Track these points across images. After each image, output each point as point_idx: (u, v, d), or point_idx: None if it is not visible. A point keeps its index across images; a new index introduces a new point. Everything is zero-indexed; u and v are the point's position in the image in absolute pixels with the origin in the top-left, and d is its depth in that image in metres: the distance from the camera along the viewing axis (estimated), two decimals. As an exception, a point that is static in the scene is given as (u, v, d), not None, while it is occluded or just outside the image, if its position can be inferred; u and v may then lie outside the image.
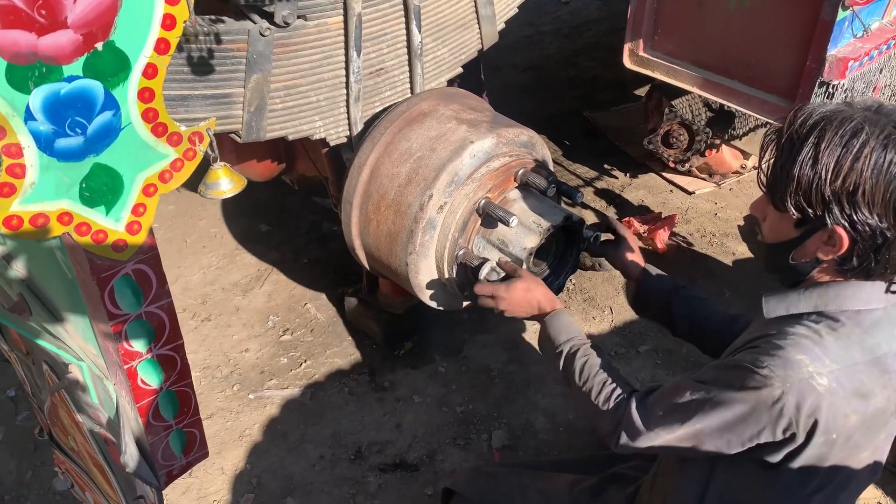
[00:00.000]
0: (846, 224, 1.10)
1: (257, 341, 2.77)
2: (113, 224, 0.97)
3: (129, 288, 1.04)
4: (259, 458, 2.35)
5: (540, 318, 1.59)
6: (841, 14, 2.14)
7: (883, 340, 1.16)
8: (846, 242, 1.12)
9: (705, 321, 1.62)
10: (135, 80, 0.89)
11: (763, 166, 1.19)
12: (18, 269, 1.27)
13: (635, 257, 1.76)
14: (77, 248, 0.97)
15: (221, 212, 3.42)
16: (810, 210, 1.12)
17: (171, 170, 0.99)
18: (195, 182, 1.32)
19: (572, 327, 1.53)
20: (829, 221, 1.11)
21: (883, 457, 1.29)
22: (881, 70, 2.39)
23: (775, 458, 1.21)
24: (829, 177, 1.08)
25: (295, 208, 3.46)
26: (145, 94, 0.91)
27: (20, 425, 2.46)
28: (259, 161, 2.59)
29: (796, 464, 1.20)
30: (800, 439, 1.16)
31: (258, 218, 3.39)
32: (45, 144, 0.88)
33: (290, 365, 2.66)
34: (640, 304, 1.75)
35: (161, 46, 0.88)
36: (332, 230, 3.26)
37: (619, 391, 1.37)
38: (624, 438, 1.32)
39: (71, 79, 0.85)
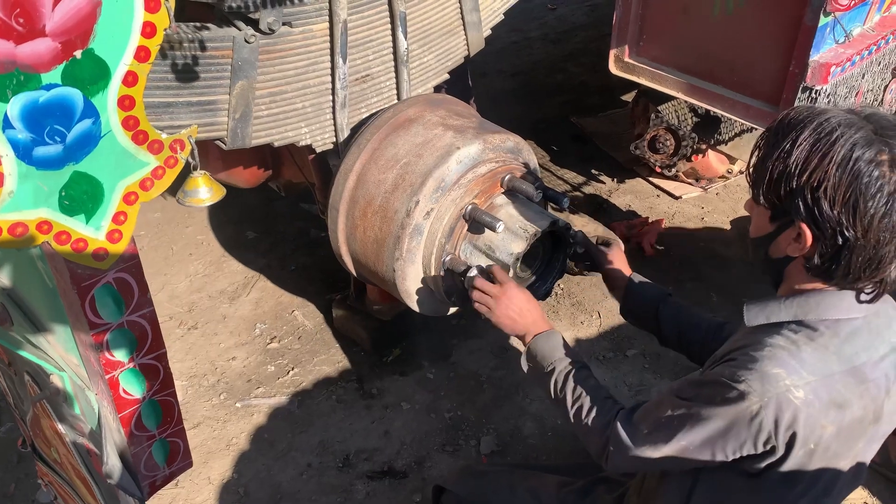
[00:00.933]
0: (810, 220, 1.11)
1: (244, 349, 2.75)
2: (93, 233, 0.96)
3: (110, 297, 1.03)
4: (246, 466, 2.33)
5: (529, 334, 1.56)
6: (823, 20, 2.17)
7: (861, 349, 1.16)
8: (810, 239, 1.12)
9: (692, 329, 1.62)
10: (115, 88, 0.89)
11: (751, 162, 1.20)
12: (0, 278, 1.26)
13: (621, 266, 1.76)
14: (57, 257, 0.96)
15: (208, 219, 3.41)
16: (779, 203, 1.14)
17: (152, 178, 0.98)
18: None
19: (564, 347, 1.52)
20: (795, 216, 1.12)
21: (866, 460, 1.30)
22: (863, 75, 2.41)
23: (756, 468, 1.21)
24: (797, 170, 1.10)
25: (282, 215, 3.45)
26: (125, 102, 0.90)
27: (3, 437, 2.43)
28: (245, 168, 2.58)
29: (777, 473, 1.20)
30: (780, 451, 1.16)
31: (245, 225, 3.38)
32: (23, 153, 0.87)
33: (277, 373, 2.65)
34: (627, 313, 1.75)
35: (141, 54, 0.87)
36: (319, 237, 3.25)
37: (606, 411, 1.37)
38: (613, 457, 1.33)
39: (49, 87, 0.84)
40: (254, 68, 1.76)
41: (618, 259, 1.77)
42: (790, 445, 1.15)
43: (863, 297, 1.17)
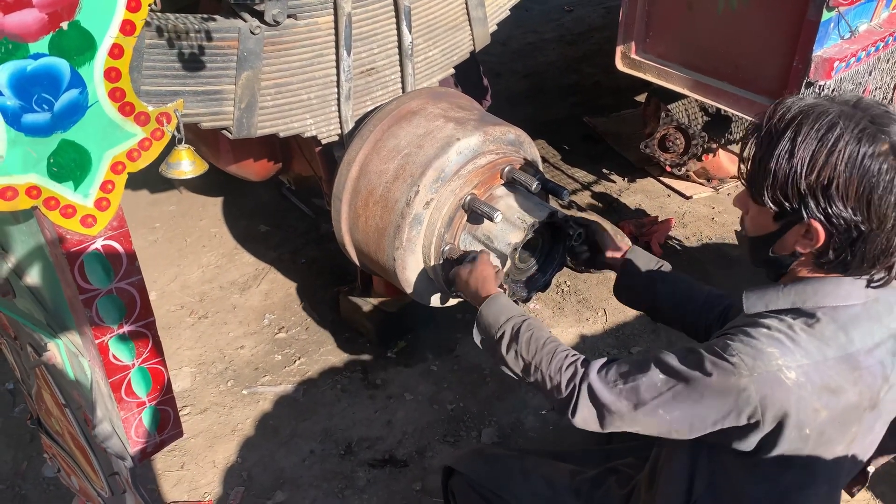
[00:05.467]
0: (822, 218, 1.11)
1: (253, 339, 2.80)
2: (81, 199, 1.01)
3: (98, 263, 1.08)
4: (250, 452, 2.38)
5: (478, 305, 1.56)
6: (826, 15, 2.16)
7: (857, 337, 1.16)
8: (822, 236, 1.13)
9: (689, 301, 1.60)
10: (101, 59, 0.93)
11: (743, 159, 1.20)
12: (4, 252, 1.32)
13: (616, 250, 1.75)
14: (47, 223, 1.01)
15: (222, 212, 3.47)
16: (787, 204, 1.14)
17: (139, 149, 1.02)
18: (196, 183, 1.35)
19: (510, 307, 1.49)
20: (805, 215, 1.12)
21: (861, 449, 1.29)
22: (870, 72, 2.40)
23: (744, 445, 1.21)
24: (804, 171, 1.10)
25: (294, 209, 3.50)
26: (112, 74, 0.95)
27: (17, 417, 2.50)
28: (256, 160, 2.64)
29: (771, 455, 1.20)
30: (765, 427, 1.16)
31: (258, 218, 3.44)
32: (12, 119, 0.92)
33: (284, 362, 2.70)
34: (621, 289, 1.72)
35: (127, 28, 0.92)
36: (329, 231, 3.30)
37: (571, 359, 1.34)
38: (583, 410, 1.29)
39: (37, 56, 0.89)
40: (259, 59, 1.81)
41: (614, 245, 1.76)
42: (781, 425, 1.15)
43: (874, 283, 1.17)
